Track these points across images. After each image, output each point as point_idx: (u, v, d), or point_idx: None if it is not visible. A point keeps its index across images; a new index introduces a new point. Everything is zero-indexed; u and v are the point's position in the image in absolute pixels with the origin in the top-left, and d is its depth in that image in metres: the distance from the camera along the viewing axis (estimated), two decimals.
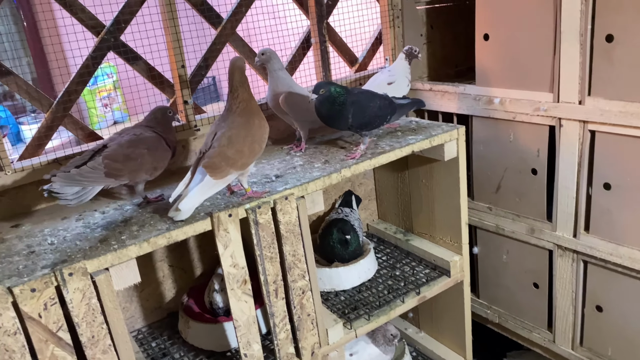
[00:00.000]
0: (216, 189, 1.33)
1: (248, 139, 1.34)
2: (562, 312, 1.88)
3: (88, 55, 1.59)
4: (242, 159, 1.33)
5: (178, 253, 1.80)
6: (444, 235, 1.95)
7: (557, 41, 1.64)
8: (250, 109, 1.37)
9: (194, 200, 1.29)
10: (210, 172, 1.28)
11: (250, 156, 1.35)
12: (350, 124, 1.57)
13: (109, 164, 1.30)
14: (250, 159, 1.36)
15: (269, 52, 1.66)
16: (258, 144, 1.37)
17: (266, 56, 1.66)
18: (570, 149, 1.69)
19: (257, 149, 1.37)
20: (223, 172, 1.30)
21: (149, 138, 1.42)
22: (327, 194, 2.13)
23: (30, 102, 1.56)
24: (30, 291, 1.10)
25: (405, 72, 1.88)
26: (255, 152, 1.36)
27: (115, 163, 1.31)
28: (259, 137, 1.37)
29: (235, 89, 1.37)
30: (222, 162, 1.30)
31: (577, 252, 1.77)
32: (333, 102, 1.54)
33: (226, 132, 1.34)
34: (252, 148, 1.35)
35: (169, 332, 1.74)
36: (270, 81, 1.69)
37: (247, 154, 1.34)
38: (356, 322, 1.68)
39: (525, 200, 1.89)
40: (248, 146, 1.34)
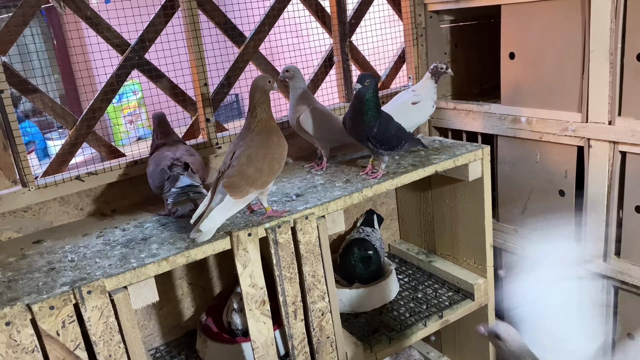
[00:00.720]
0: (237, 209, 1.31)
1: (267, 157, 1.33)
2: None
3: (113, 73, 1.61)
4: (262, 177, 1.32)
5: (197, 271, 1.79)
6: (467, 257, 1.90)
7: (586, 60, 1.60)
8: (269, 127, 1.36)
9: (215, 221, 1.27)
10: (230, 191, 1.27)
11: (270, 174, 1.34)
12: (374, 135, 1.53)
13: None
14: (270, 178, 1.35)
15: (293, 69, 1.66)
16: (277, 162, 1.36)
17: (290, 73, 1.66)
18: (600, 171, 1.64)
19: (276, 167, 1.36)
20: (243, 192, 1.29)
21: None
22: (348, 213, 2.10)
23: (55, 118, 1.58)
24: (48, 309, 1.09)
25: (430, 93, 1.80)
26: (274, 171, 1.35)
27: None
28: (278, 155, 1.36)
29: (254, 107, 1.36)
30: (241, 181, 1.29)
31: (607, 277, 1.71)
32: (369, 102, 1.51)
33: (245, 150, 1.33)
34: (272, 166, 1.34)
35: (187, 351, 1.72)
36: (292, 99, 1.68)
37: (266, 172, 1.33)
38: (377, 346, 1.64)
39: (553, 222, 1.83)
40: (267, 164, 1.33)
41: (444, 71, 1.77)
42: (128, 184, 1.63)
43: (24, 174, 1.45)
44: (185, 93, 1.75)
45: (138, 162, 1.61)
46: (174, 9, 1.65)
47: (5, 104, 1.39)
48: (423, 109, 1.80)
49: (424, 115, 1.80)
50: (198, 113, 1.74)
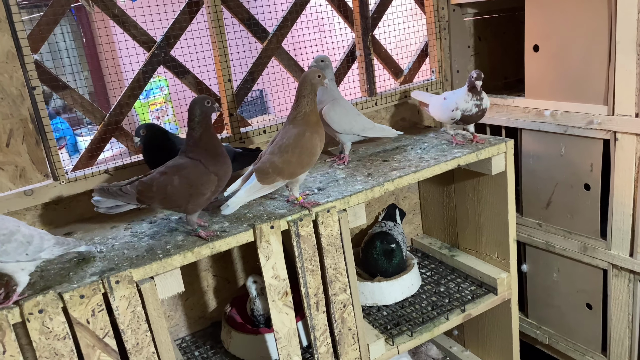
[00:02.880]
0: (262, 193, 1.37)
1: (297, 150, 1.36)
2: (617, 335, 1.79)
3: (139, 70, 1.65)
4: (290, 168, 1.36)
5: (222, 263, 1.83)
6: (491, 251, 1.89)
7: (612, 52, 1.58)
8: (308, 121, 1.39)
9: (240, 199, 1.34)
10: (258, 177, 1.34)
11: (298, 167, 1.37)
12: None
13: (140, 191, 1.27)
14: (299, 169, 1.37)
15: (327, 60, 1.68)
16: (307, 155, 1.38)
17: (325, 63, 1.68)
18: (627, 164, 1.61)
19: (305, 160, 1.38)
20: (270, 179, 1.35)
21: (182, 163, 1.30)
22: (370, 207, 2.11)
23: (84, 114, 1.62)
24: (79, 297, 1.14)
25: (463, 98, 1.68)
26: (303, 163, 1.38)
27: (148, 192, 1.27)
28: (308, 149, 1.38)
29: (299, 99, 1.39)
30: (269, 169, 1.34)
31: (634, 272, 1.68)
32: (160, 143, 1.45)
33: (279, 140, 1.38)
34: (301, 159, 1.37)
35: (212, 341, 1.75)
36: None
37: (294, 164, 1.36)
38: (398, 338, 1.65)
39: (578, 216, 1.81)
40: (296, 157, 1.36)
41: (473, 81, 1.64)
42: None
43: (55, 168, 1.50)
44: (210, 89, 1.78)
45: None
46: (199, 6, 1.68)
47: (37, 101, 1.44)
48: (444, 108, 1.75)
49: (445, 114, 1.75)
50: (222, 108, 1.77)
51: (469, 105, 1.66)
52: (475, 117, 1.68)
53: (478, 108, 1.66)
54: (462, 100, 1.68)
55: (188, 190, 1.27)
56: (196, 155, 1.30)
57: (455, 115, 1.68)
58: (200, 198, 1.29)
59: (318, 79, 1.39)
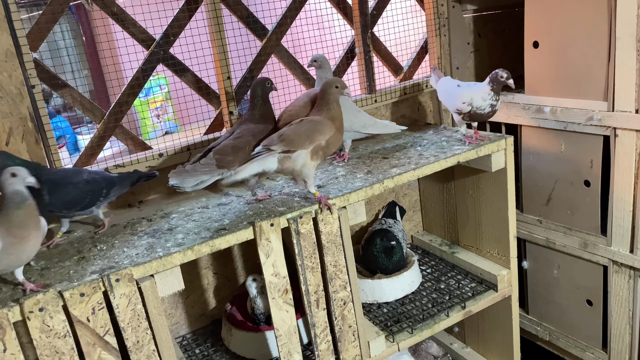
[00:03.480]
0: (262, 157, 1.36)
1: (306, 122, 1.40)
2: (617, 331, 1.79)
3: (139, 68, 1.65)
4: (292, 135, 1.37)
5: (223, 261, 1.83)
6: (491, 248, 1.89)
7: (612, 48, 1.58)
8: (332, 118, 1.41)
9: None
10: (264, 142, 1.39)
11: (306, 139, 1.36)
12: (49, 203, 1.31)
13: (219, 158, 1.39)
14: (305, 143, 1.36)
15: (321, 59, 1.69)
16: (319, 133, 1.38)
17: (318, 63, 1.70)
18: (627, 160, 1.61)
19: (316, 137, 1.37)
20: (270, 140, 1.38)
21: (253, 127, 1.50)
22: (370, 205, 2.11)
23: (83, 113, 1.62)
24: (79, 295, 1.14)
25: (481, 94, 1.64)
26: (310, 136, 1.37)
27: (226, 156, 1.40)
28: (320, 125, 1.39)
29: (320, 107, 1.43)
30: (275, 135, 1.38)
31: (634, 268, 1.68)
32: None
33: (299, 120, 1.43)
34: (308, 131, 1.37)
35: (213, 339, 1.76)
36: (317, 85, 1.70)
37: (303, 135, 1.37)
38: (399, 335, 1.65)
39: (578, 213, 1.81)
40: (304, 128, 1.38)
41: (503, 81, 1.61)
42: None
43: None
44: (209, 87, 1.78)
45: (163, 155, 1.65)
46: (198, 3, 1.68)
47: (37, 99, 1.44)
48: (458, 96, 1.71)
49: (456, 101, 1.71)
50: (221, 106, 1.77)
51: (485, 104, 1.63)
52: (486, 116, 1.66)
53: (492, 109, 1.64)
54: (480, 96, 1.63)
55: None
56: (261, 122, 1.50)
57: (464, 109, 1.65)
58: None
59: (336, 89, 1.41)
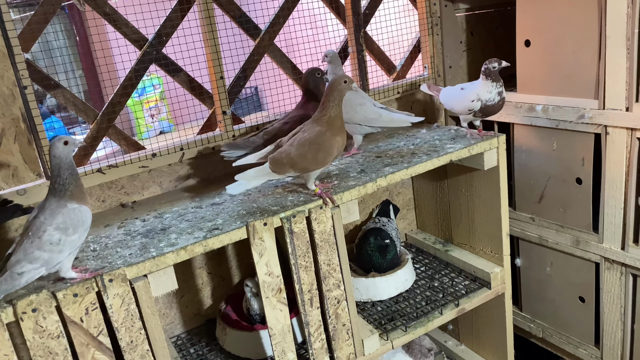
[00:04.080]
0: (270, 177, 1.40)
1: (314, 147, 1.38)
2: (610, 327, 1.80)
3: (131, 68, 1.65)
4: (304, 163, 1.38)
5: (217, 261, 1.83)
6: (484, 246, 1.90)
7: (603, 46, 1.59)
8: (332, 124, 1.41)
9: (247, 175, 1.38)
10: (271, 164, 1.38)
11: (313, 163, 1.39)
12: None
13: (267, 139, 1.58)
14: (312, 165, 1.39)
15: (332, 54, 1.70)
16: (323, 154, 1.39)
17: (329, 58, 1.71)
18: (617, 158, 1.62)
19: (320, 157, 1.39)
20: (282, 169, 1.38)
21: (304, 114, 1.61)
22: (364, 204, 2.12)
23: (76, 113, 1.62)
24: (72, 296, 1.14)
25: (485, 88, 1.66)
26: (318, 161, 1.39)
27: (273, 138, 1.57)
28: (326, 147, 1.39)
29: (325, 104, 1.41)
30: (284, 159, 1.38)
31: (625, 265, 1.69)
32: None
33: (299, 134, 1.41)
34: (316, 156, 1.38)
35: (207, 338, 1.76)
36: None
37: (309, 159, 1.38)
38: (393, 333, 1.66)
39: (570, 210, 1.82)
40: (313, 153, 1.38)
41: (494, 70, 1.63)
42: (147, 176, 1.68)
43: (48, 167, 1.50)
44: (202, 86, 1.78)
45: (156, 155, 1.65)
46: (190, 3, 1.68)
47: (29, 100, 1.44)
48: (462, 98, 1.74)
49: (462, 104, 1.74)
50: (215, 106, 1.77)
51: (492, 95, 1.64)
52: (497, 107, 1.67)
53: (500, 96, 1.65)
54: (484, 90, 1.65)
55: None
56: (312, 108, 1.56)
57: (475, 107, 1.67)
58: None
59: (345, 84, 1.41)
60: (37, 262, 1.10)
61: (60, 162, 1.14)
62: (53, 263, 1.12)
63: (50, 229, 1.11)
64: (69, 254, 1.14)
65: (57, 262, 1.12)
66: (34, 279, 1.11)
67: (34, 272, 1.10)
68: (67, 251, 1.12)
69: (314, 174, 1.43)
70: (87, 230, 1.16)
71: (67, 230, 1.11)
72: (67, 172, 1.14)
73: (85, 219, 1.14)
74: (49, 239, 1.10)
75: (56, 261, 1.12)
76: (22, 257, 1.09)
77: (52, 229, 1.11)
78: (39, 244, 1.10)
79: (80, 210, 1.14)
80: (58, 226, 1.11)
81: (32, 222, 1.13)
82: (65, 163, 1.14)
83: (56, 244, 1.11)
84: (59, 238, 1.11)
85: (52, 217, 1.12)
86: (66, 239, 1.11)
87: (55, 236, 1.10)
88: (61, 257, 1.12)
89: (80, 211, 1.14)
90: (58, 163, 1.14)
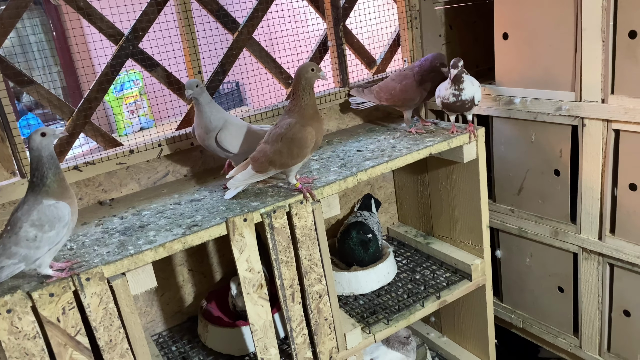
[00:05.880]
0: (257, 178, 1.43)
1: (286, 141, 1.38)
2: (588, 316, 1.83)
3: (107, 63, 1.62)
4: (282, 159, 1.38)
5: (197, 257, 1.82)
6: (465, 238, 1.92)
7: (579, 39, 1.60)
8: (303, 113, 1.40)
9: (237, 182, 1.42)
10: (253, 165, 1.41)
11: (289, 157, 1.38)
12: None
13: (377, 92, 1.83)
14: (290, 160, 1.39)
15: (201, 84, 1.49)
16: (297, 147, 1.38)
17: (199, 89, 1.48)
18: (594, 149, 1.65)
19: (295, 151, 1.38)
20: (263, 168, 1.40)
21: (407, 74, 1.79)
22: (346, 198, 2.12)
23: (51, 110, 1.59)
24: (48, 296, 1.12)
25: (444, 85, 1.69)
26: (293, 155, 1.38)
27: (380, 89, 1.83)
28: (298, 140, 1.38)
29: (295, 92, 1.41)
30: (262, 157, 1.39)
31: (602, 255, 1.72)
32: None
33: (273, 130, 1.41)
34: (290, 150, 1.38)
35: (189, 336, 1.75)
36: (204, 114, 1.51)
37: (285, 154, 1.38)
38: (375, 327, 1.67)
39: (549, 202, 1.85)
40: (287, 148, 1.38)
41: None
42: (125, 173, 1.65)
43: (23, 165, 1.47)
44: (180, 81, 1.76)
45: (134, 151, 1.63)
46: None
47: (1, 97, 1.41)
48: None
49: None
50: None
51: (447, 94, 1.67)
52: (454, 106, 1.67)
53: (456, 97, 1.65)
54: (443, 87, 1.69)
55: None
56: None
57: (437, 101, 1.70)
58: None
59: (312, 72, 1.40)
60: (15, 258, 1.09)
61: (39, 156, 1.12)
62: (32, 259, 1.10)
63: (26, 225, 1.09)
64: (48, 250, 1.12)
65: (35, 258, 1.11)
66: (14, 273, 1.11)
67: (13, 267, 1.10)
68: (45, 247, 1.11)
69: (294, 168, 1.42)
70: (66, 226, 1.13)
71: (42, 227, 1.09)
72: (46, 166, 1.12)
73: (62, 215, 1.12)
74: (25, 235, 1.08)
75: (34, 257, 1.10)
76: (1, 252, 1.08)
77: (27, 225, 1.09)
78: (15, 240, 1.09)
79: (56, 206, 1.12)
80: (33, 223, 1.09)
81: (12, 217, 1.11)
82: (45, 156, 1.12)
83: (32, 240, 1.09)
84: (35, 234, 1.09)
85: (28, 214, 1.10)
86: (43, 236, 1.09)
87: (31, 232, 1.09)
88: (39, 253, 1.11)
89: (57, 207, 1.12)
90: (37, 156, 1.12)
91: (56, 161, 1.14)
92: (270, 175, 1.44)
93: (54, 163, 1.13)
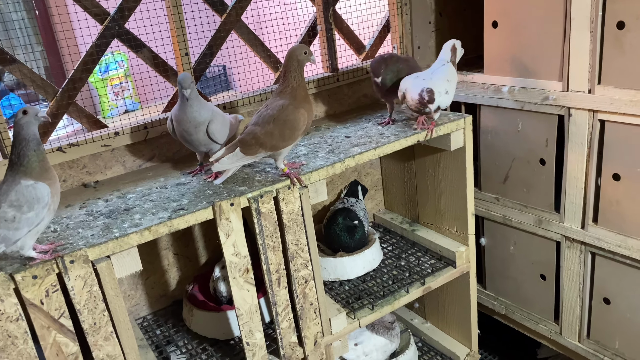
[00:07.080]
0: (244, 162, 1.39)
1: (279, 123, 1.36)
2: (569, 304, 1.86)
3: (92, 44, 1.59)
4: (272, 140, 1.36)
5: (183, 241, 1.81)
6: (450, 225, 1.93)
7: (567, 28, 1.61)
8: (295, 95, 1.39)
9: (224, 165, 1.37)
10: (241, 147, 1.36)
11: (280, 140, 1.37)
12: None
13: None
14: (281, 142, 1.37)
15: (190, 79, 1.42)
16: (289, 129, 1.37)
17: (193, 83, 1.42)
18: (579, 139, 1.66)
19: (287, 133, 1.37)
20: (252, 150, 1.36)
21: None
22: (333, 184, 2.12)
23: (34, 90, 1.56)
24: (31, 278, 1.11)
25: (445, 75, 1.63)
26: (285, 137, 1.37)
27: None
28: (291, 122, 1.37)
29: (286, 74, 1.39)
30: (252, 140, 1.36)
31: (585, 243, 1.74)
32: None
33: (263, 111, 1.39)
34: (282, 132, 1.36)
35: (174, 320, 1.75)
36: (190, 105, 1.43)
37: (276, 136, 1.36)
38: (360, 312, 1.68)
39: (533, 191, 1.86)
40: (278, 130, 1.36)
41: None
42: (110, 156, 1.63)
43: (5, 146, 1.45)
44: (167, 63, 1.73)
45: (119, 134, 1.61)
46: None
47: None
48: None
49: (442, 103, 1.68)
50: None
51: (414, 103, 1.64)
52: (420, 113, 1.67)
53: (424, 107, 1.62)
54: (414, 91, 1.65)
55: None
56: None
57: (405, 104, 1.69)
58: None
59: (305, 55, 1.39)
60: None
61: (18, 134, 1.10)
62: (11, 240, 1.08)
63: (4, 205, 1.07)
64: (29, 231, 1.10)
65: (15, 239, 1.09)
66: None
67: None
68: (24, 229, 1.09)
69: (284, 151, 1.41)
70: (46, 207, 1.11)
71: (21, 208, 1.08)
72: (25, 145, 1.10)
73: (41, 196, 1.10)
74: (3, 216, 1.07)
75: (14, 238, 1.09)
76: None
77: (5, 206, 1.07)
78: None
79: (34, 187, 1.10)
80: (12, 203, 1.07)
81: None
82: (23, 135, 1.09)
83: (11, 221, 1.07)
84: (14, 215, 1.07)
85: (6, 194, 1.08)
86: (21, 217, 1.08)
87: (10, 213, 1.07)
88: (19, 235, 1.09)
89: (35, 188, 1.10)
90: (16, 135, 1.10)
91: (38, 141, 1.11)
92: (259, 158, 1.41)
93: (36, 143, 1.11)
